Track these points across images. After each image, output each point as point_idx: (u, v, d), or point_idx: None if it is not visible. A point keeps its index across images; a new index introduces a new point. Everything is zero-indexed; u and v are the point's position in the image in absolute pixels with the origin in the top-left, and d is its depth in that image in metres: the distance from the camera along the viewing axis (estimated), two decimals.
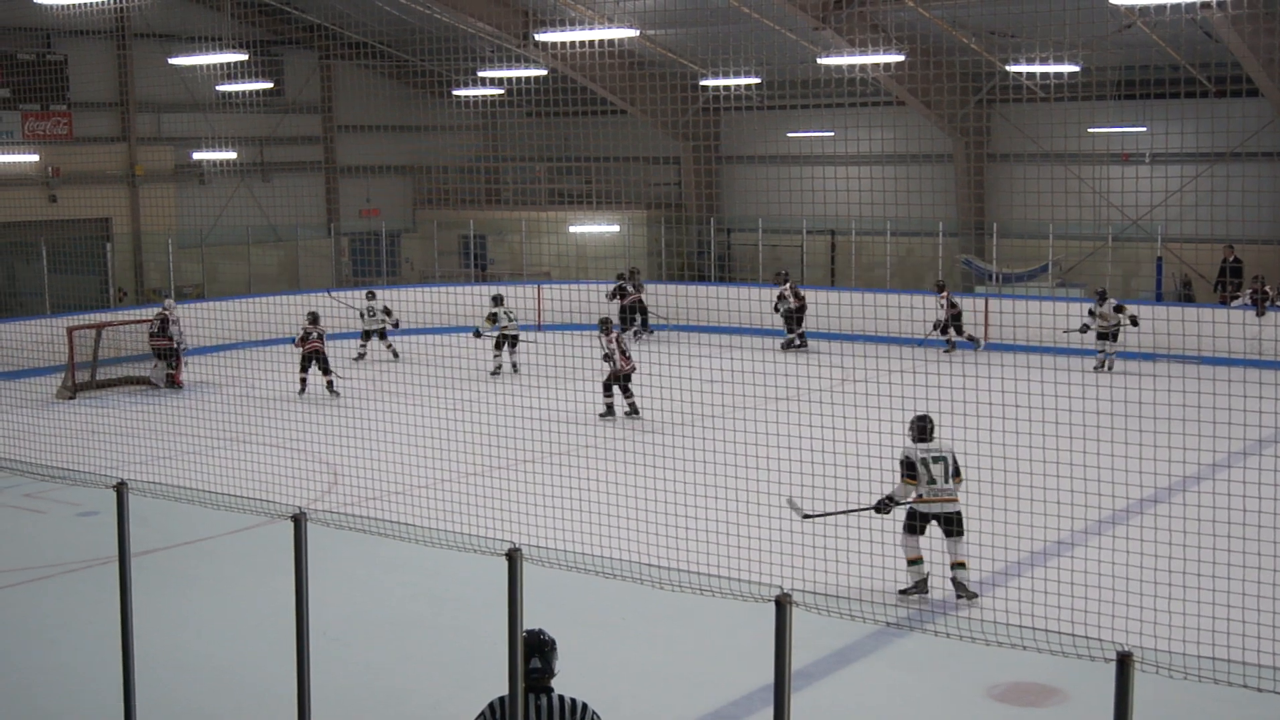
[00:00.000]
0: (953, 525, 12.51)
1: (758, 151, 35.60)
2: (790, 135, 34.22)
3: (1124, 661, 5.57)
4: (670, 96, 34.90)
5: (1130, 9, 23.45)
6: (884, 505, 12.77)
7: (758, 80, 28.96)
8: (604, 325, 22.58)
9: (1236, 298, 27.43)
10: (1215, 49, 26.45)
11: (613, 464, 15.32)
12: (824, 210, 29.04)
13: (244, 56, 25.70)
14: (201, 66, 27.42)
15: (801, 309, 29.28)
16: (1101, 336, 25.58)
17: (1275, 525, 11.70)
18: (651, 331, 30.16)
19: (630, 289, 30.31)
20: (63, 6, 22.30)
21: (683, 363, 24.31)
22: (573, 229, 34.45)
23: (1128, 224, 29.65)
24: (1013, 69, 26.24)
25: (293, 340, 23.93)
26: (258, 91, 31.18)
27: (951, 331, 28.37)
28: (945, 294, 28.43)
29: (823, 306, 28.02)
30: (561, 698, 6.61)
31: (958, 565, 12.49)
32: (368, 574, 13.43)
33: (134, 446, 18.73)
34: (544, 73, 29.75)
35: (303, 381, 23.57)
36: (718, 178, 36.97)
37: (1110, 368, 25.35)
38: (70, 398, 23.97)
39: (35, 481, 15.61)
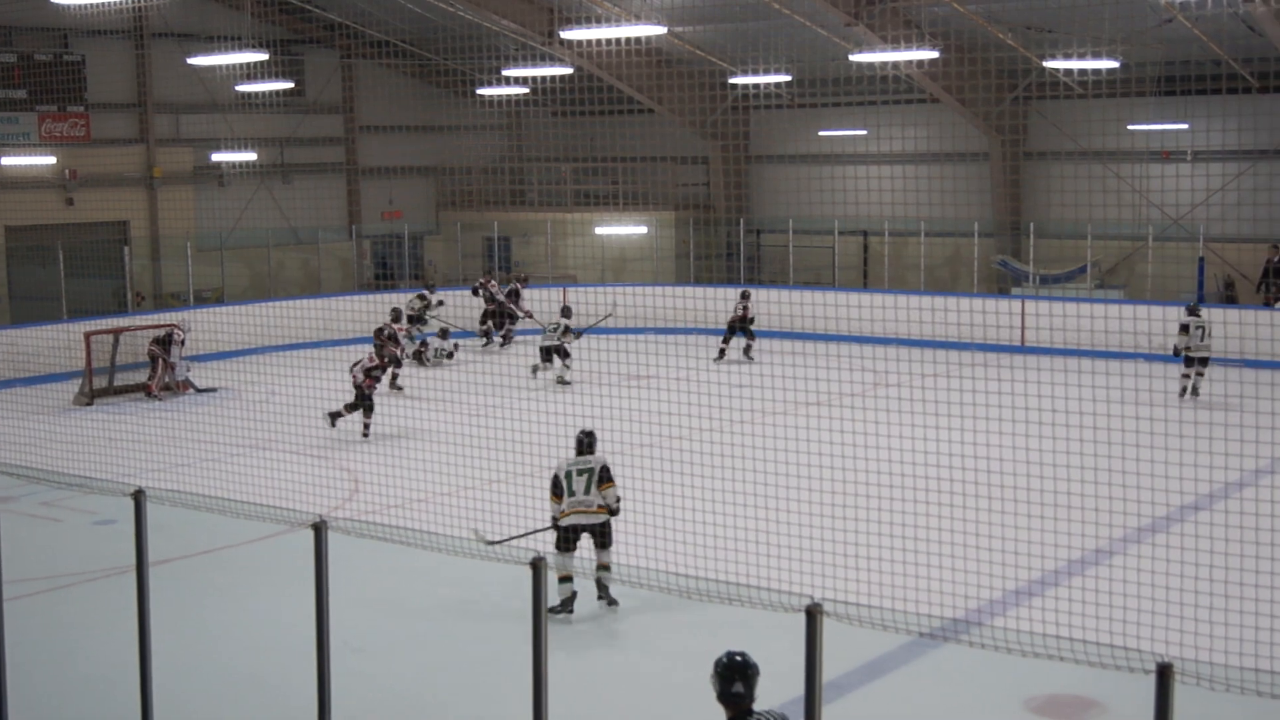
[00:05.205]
0: (597, 535, 12.45)
1: (788, 150, 35.28)
2: (822, 134, 33.87)
3: (1164, 673, 5.54)
4: (699, 95, 34.53)
5: (1171, 3, 23.05)
6: (556, 523, 12.65)
7: (788, 78, 28.66)
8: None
9: None
10: (1259, 43, 26.01)
11: (638, 471, 15.19)
12: (856, 210, 28.76)
13: (264, 56, 25.58)
14: (221, 66, 27.39)
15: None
16: (1199, 359, 22.48)
17: None
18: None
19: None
20: (80, 6, 22.02)
21: (712, 367, 24.07)
22: (599, 230, 34.08)
23: (1169, 223, 29.22)
24: (1050, 65, 25.89)
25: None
26: (278, 92, 30.97)
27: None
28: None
29: (854, 310, 27.55)
30: (762, 714, 6.62)
31: (605, 568, 12.43)
32: (391, 583, 13.26)
33: (152, 453, 18.76)
34: (570, 71, 29.45)
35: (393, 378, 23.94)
36: (747, 178, 36.57)
37: (1195, 392, 22.44)
38: (87, 404, 23.76)
39: (52, 489, 15.36)
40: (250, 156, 32.20)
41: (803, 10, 28.24)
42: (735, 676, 6.54)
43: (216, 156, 32.63)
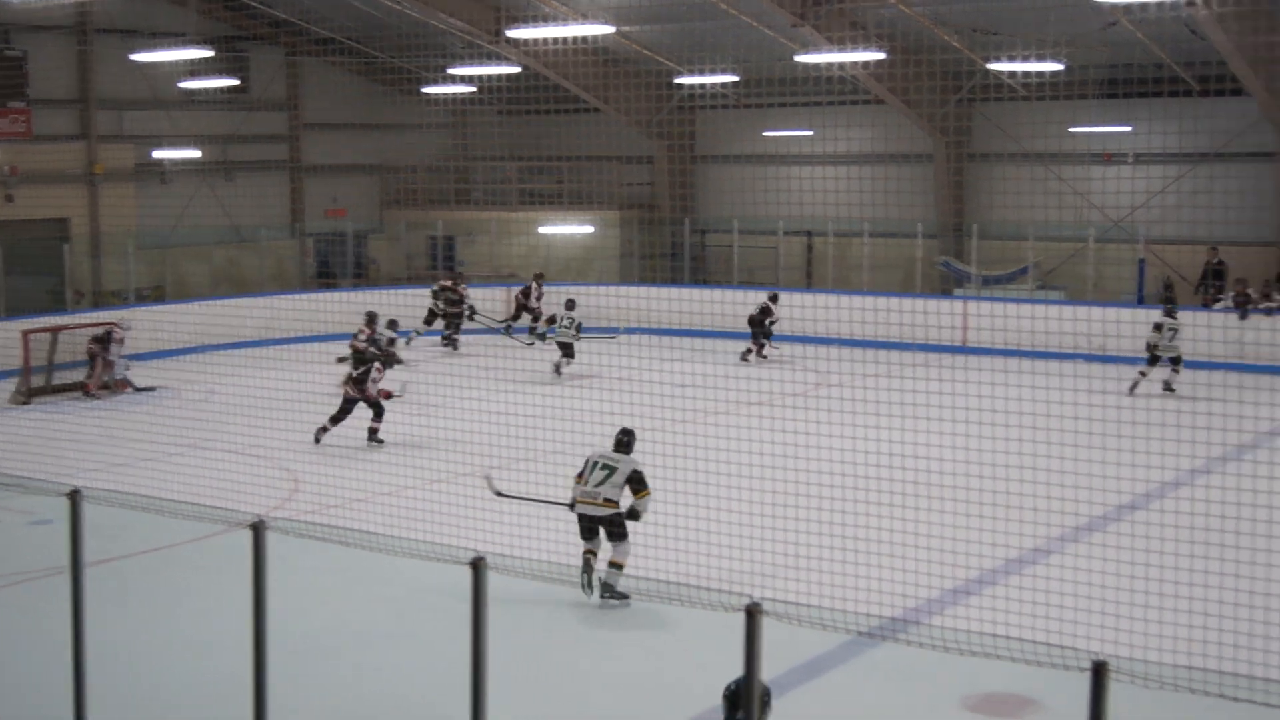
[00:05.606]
0: (608, 529, 12.51)
1: (733, 151, 35.24)
2: (767, 134, 33.83)
3: (1099, 671, 5.65)
4: (645, 94, 34.48)
5: (1115, 6, 23.20)
6: (573, 505, 12.89)
7: (734, 78, 28.65)
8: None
9: (1219, 300, 27.06)
10: (1200, 47, 26.07)
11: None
12: (801, 211, 28.75)
13: (208, 53, 25.32)
14: (164, 63, 27.05)
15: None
16: (1170, 359, 23.16)
17: (1254, 532, 11.68)
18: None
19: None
20: (22, 1, 21.74)
21: (655, 366, 24.04)
22: (543, 230, 33.92)
23: (1109, 225, 29.31)
24: (994, 67, 25.98)
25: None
26: (222, 89, 30.53)
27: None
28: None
29: (798, 310, 27.61)
30: None
31: (612, 564, 12.48)
32: (330, 584, 13.12)
33: (89, 453, 18.53)
34: (516, 70, 29.35)
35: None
36: (692, 177, 36.54)
37: (1169, 388, 23.13)
38: (24, 403, 23.49)
39: None
40: (193, 154, 31.88)
41: (749, 10, 28.23)
42: (740, 702, 6.56)
43: (159, 153, 32.27)
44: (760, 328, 27.10)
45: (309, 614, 12.20)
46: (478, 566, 7.02)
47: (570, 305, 25.81)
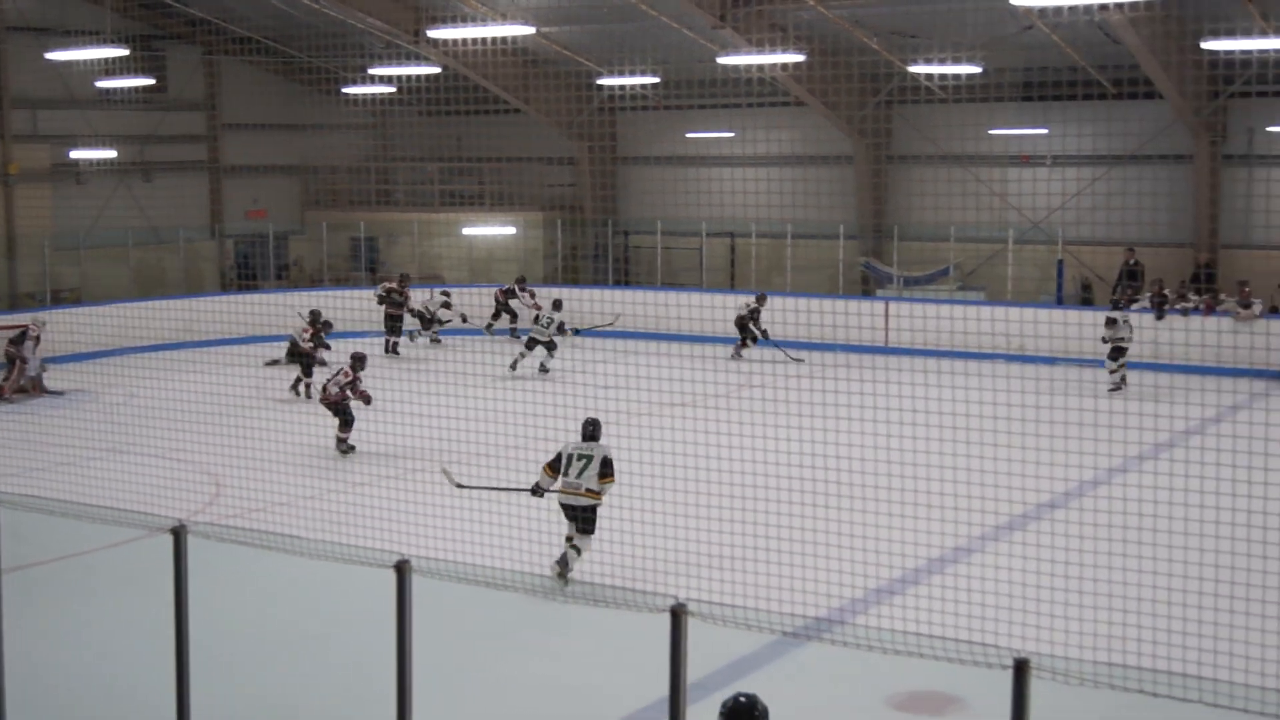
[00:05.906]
0: (580, 519, 12.95)
1: (656, 152, 35.21)
2: (689, 135, 33.86)
3: (1021, 668, 5.77)
4: (566, 95, 34.40)
5: (1030, 10, 23.43)
6: (536, 489, 13.42)
7: (656, 79, 28.63)
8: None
9: (1135, 301, 27.41)
10: (1115, 50, 26.42)
11: (503, 473, 15.23)
12: (723, 212, 28.78)
13: (125, 51, 25.02)
14: (80, 62, 26.68)
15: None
16: (1120, 351, 23.74)
17: (1170, 530, 11.71)
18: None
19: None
20: None
21: (579, 368, 24.07)
22: (466, 231, 33.78)
23: (1028, 227, 29.54)
24: (914, 70, 26.16)
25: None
26: (139, 88, 30.12)
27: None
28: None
29: (719, 311, 27.67)
30: None
31: (573, 547, 12.91)
32: (253, 589, 13.03)
33: (5, 458, 18.34)
34: (437, 70, 29.17)
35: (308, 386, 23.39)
36: (615, 179, 36.47)
37: (1124, 383, 23.61)
38: None
39: None
40: (110, 154, 31.35)
41: (669, 12, 28.23)
42: (739, 718, 6.37)
43: (75, 153, 31.68)
44: (746, 330, 27.24)
45: (232, 619, 12.10)
46: (402, 570, 6.99)
47: (557, 306, 26.12)
